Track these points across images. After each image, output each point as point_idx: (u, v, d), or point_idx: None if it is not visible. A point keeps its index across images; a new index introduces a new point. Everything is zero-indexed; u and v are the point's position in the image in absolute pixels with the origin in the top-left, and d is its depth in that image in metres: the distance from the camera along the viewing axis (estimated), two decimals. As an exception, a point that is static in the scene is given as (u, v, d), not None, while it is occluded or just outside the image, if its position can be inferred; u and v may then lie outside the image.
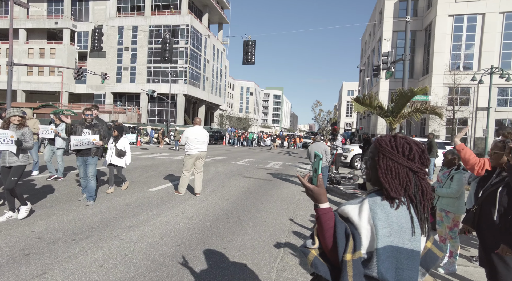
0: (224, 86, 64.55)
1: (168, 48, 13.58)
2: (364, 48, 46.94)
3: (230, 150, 24.52)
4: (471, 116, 25.37)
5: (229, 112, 70.94)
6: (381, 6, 33.73)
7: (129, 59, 46.06)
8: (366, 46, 44.13)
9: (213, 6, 51.75)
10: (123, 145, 6.58)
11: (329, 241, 1.11)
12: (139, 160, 13.06)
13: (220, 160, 14.96)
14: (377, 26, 35.80)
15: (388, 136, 1.21)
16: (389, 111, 7.52)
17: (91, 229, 4.20)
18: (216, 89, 58.19)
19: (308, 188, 1.17)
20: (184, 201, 6.17)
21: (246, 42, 13.88)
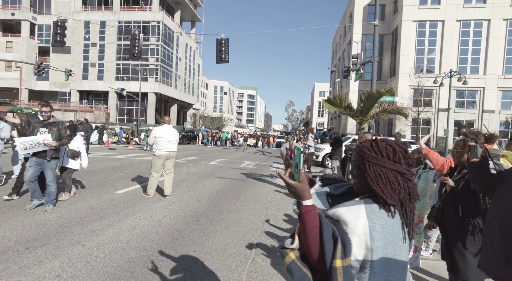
0: (197, 85, 63.55)
1: (138, 44, 13.07)
2: (335, 50, 48.25)
3: (203, 149, 24.16)
4: (434, 116, 26.89)
5: (202, 111, 69.98)
6: (351, 10, 34.83)
7: (96, 56, 43.97)
8: (337, 48, 45.39)
9: (186, 3, 50.78)
10: (76, 145, 5.92)
11: (312, 242, 1.02)
12: (106, 160, 12.46)
13: (193, 160, 14.67)
14: (347, 29, 36.93)
15: (368, 142, 1.16)
16: (358, 112, 7.73)
17: (48, 236, 3.90)
18: (189, 88, 57.14)
19: (290, 184, 1.06)
20: (153, 203, 5.94)
21: (219, 41, 13.69)
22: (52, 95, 45.68)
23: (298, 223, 1.07)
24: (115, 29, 43.14)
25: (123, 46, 43.30)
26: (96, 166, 10.56)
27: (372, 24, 14.29)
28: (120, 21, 43.22)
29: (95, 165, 10.82)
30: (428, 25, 27.65)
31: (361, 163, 1.14)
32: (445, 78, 19.17)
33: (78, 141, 5.99)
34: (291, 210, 6.13)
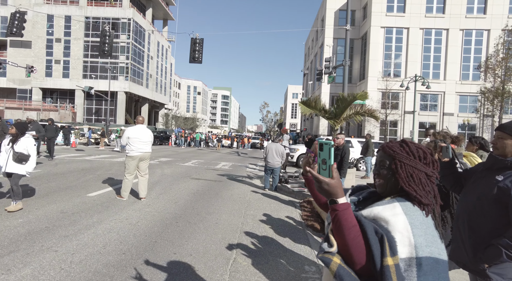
0: (169, 85, 62.18)
1: (108, 41, 12.55)
2: (307, 53, 49.34)
3: (176, 150, 23.70)
4: (400, 119, 28.34)
5: (175, 111, 68.56)
6: (323, 14, 35.82)
7: (61, 52, 41.68)
8: (309, 51, 46.45)
9: (157, 1, 49.61)
10: (25, 146, 5.02)
11: (353, 243, 0.96)
12: (75, 162, 11.87)
13: (167, 162, 14.36)
14: (319, 33, 37.93)
15: (396, 142, 1.15)
16: (333, 114, 8.00)
17: (15, 243, 3.68)
18: (161, 88, 55.78)
19: (324, 181, 1.00)
20: (128, 206, 5.76)
21: (194, 40, 13.52)
22: (10, 93, 42.70)
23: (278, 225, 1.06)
24: (82, 25, 41.17)
25: (91, 43, 41.45)
26: (63, 168, 10.04)
27: (343, 28, 14.82)
28: (87, 16, 41.32)
29: (63, 167, 10.28)
30: (394, 32, 29.10)
31: (391, 162, 1.12)
32: (411, 82, 20.30)
33: (27, 141, 5.09)
34: (269, 210, 6.22)
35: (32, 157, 5.09)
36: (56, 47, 41.68)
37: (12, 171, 4.94)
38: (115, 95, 40.22)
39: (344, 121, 8.02)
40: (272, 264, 3.62)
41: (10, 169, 4.93)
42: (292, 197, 7.82)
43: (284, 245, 4.29)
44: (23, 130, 5.11)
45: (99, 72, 41.57)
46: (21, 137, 5.06)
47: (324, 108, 8.25)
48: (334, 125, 7.83)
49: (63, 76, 41.83)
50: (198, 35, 13.30)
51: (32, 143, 5.13)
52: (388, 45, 29.23)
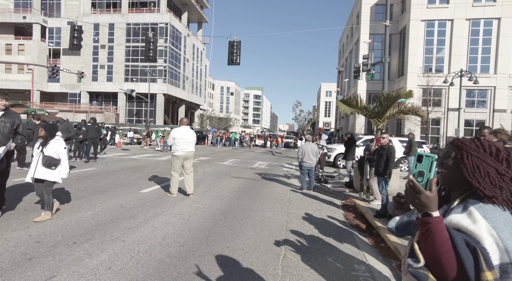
0: (204, 86, 63.99)
1: (152, 47, 13.34)
2: (342, 50, 48.18)
3: (213, 150, 24.42)
4: (443, 116, 26.77)
5: (210, 112, 70.39)
6: (358, 10, 34.80)
7: (105, 58, 44.61)
8: (344, 48, 45.33)
9: (192, 4, 51.20)
10: (55, 149, 4.56)
11: (445, 256, 0.92)
12: (123, 161, 12.77)
13: (206, 161, 14.91)
14: (354, 29, 36.90)
15: (468, 138, 1.13)
16: (375, 112, 7.86)
17: (90, 232, 4.14)
18: (196, 89, 57.58)
19: (424, 193, 0.98)
20: (178, 202, 6.16)
21: (231, 43, 13.91)
22: (62, 97, 46.47)
23: (321, 224, 1.08)
24: (124, 31, 43.71)
25: (132, 48, 43.88)
26: (114, 166, 10.87)
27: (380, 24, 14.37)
28: (128, 23, 43.77)
29: (113, 165, 11.13)
30: (436, 24, 27.52)
31: (458, 153, 1.10)
32: (455, 77, 19.12)
33: (57, 144, 4.61)
34: (311, 209, 6.30)
35: (63, 161, 4.63)
36: (101, 53, 44.67)
37: (41, 177, 4.46)
38: (154, 97, 42.26)
39: (388, 120, 7.85)
40: (321, 261, 3.72)
41: (39, 174, 4.45)
42: (333, 197, 7.81)
43: (330, 243, 4.37)
44: (53, 132, 4.69)
45: (139, 75, 43.90)
46: (50, 140, 4.63)
47: (365, 107, 8.13)
48: (377, 124, 7.69)
49: (107, 80, 44.73)
50: (235, 38, 13.68)
51: (62, 145, 4.67)
52: (429, 39, 27.72)
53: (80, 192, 6.51)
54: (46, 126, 4.68)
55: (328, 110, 79.30)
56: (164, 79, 43.71)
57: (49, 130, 4.64)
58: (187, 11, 52.07)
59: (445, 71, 26.62)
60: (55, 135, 4.70)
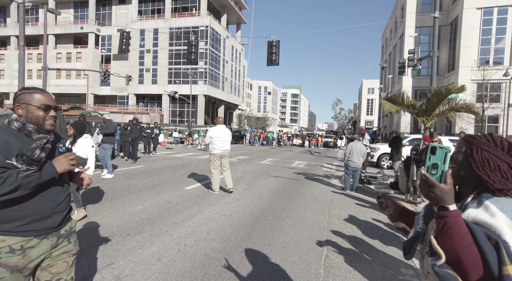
0: (242, 86, 64.98)
1: (194, 50, 13.90)
2: (385, 45, 45.92)
3: (251, 149, 24.72)
4: (503, 113, 24.31)
5: (248, 112, 71.31)
6: (402, 2, 32.89)
7: (150, 61, 47.24)
8: (387, 43, 43.15)
9: (231, 6, 52.20)
10: (83, 148, 4.50)
11: (465, 251, 0.90)
12: (168, 159, 13.46)
13: (245, 159, 15.15)
14: (398, 23, 34.95)
15: (481, 134, 1.12)
16: (422, 110, 7.41)
17: (141, 225, 4.45)
18: (235, 89, 58.67)
19: (438, 186, 0.96)
20: (220, 199, 6.36)
21: (270, 43, 13.97)
22: (112, 99, 50.12)
23: (365, 226, 1.03)
24: (167, 36, 45.92)
25: (175, 51, 45.94)
26: (160, 164, 11.51)
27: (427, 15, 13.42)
28: (171, 27, 45.89)
29: (159, 163, 11.79)
30: (495, 12, 25.05)
31: (468, 147, 1.10)
32: (518, 70, 17.27)
33: (85, 143, 4.55)
34: (354, 211, 6.13)
35: (90, 160, 4.48)
36: (147, 57, 47.40)
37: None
38: (195, 98, 43.87)
39: (437, 118, 7.35)
40: (365, 263, 3.62)
41: None
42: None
43: (375, 246, 4.22)
44: (81, 131, 4.59)
45: (181, 77, 45.85)
46: (79, 138, 4.56)
47: (412, 104, 7.69)
48: (425, 122, 7.24)
49: (152, 83, 47.35)
50: (274, 37, 13.72)
51: (89, 144, 4.58)
52: (486, 29, 25.32)
53: (131, 188, 7.01)
54: (75, 125, 4.58)
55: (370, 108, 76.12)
56: (205, 81, 45.15)
57: (77, 129, 4.55)
58: (226, 13, 53.22)
59: (506, 63, 24.16)
60: (83, 134, 4.61)
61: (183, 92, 41.70)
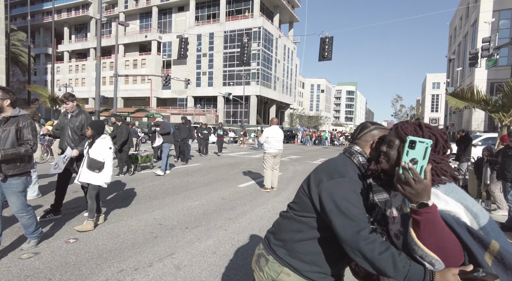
0: (294, 85, 64.52)
1: (247, 51, 14.27)
2: (453, 35, 41.48)
3: (303, 148, 24.45)
4: None
5: (299, 111, 70.57)
6: (476, -16, 29.32)
7: (207, 65, 49.60)
8: (456, 32, 38.92)
9: (284, 6, 52.16)
10: (100, 150, 4.07)
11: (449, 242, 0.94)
12: (222, 158, 14.04)
13: (296, 159, 15.07)
14: (471, 8, 31.27)
15: (412, 124, 1.12)
16: (498, 106, 6.57)
17: (198, 219, 4.75)
18: (287, 89, 58.52)
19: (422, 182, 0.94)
20: (271, 198, 6.45)
21: (323, 39, 13.67)
22: (173, 102, 53.79)
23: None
24: (222, 39, 47.73)
25: (229, 54, 47.53)
26: (215, 163, 12.07)
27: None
28: (225, 31, 47.55)
29: (214, 162, 12.36)
30: None
31: (400, 145, 1.13)
32: None
33: (102, 144, 4.11)
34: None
35: (107, 163, 4.09)
36: (203, 61, 49.87)
37: (85, 180, 4.05)
38: (248, 99, 44.88)
39: (517, 114, 6.45)
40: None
41: (83, 178, 4.06)
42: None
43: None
44: (100, 130, 4.18)
45: (235, 79, 47.27)
46: (97, 139, 4.14)
47: (484, 100, 6.88)
48: (502, 120, 6.41)
49: (208, 85, 49.67)
50: (327, 34, 13.37)
51: (107, 145, 4.14)
52: None
53: (189, 184, 7.49)
54: (93, 124, 4.17)
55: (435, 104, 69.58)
56: (257, 81, 45.89)
57: (96, 128, 4.15)
58: (279, 12, 53.35)
59: None
60: (102, 134, 4.21)
61: (237, 93, 42.94)
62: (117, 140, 8.10)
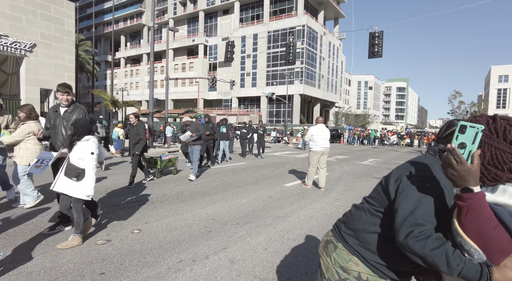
0: (339, 83, 62.56)
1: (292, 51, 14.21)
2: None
3: (350, 148, 23.63)
4: None
5: (345, 109, 68.25)
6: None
7: (250, 66, 50.32)
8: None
9: (329, 2, 50.89)
10: (80, 155, 3.37)
11: (494, 233, 0.91)
12: (267, 157, 14.17)
13: (343, 159, 14.64)
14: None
15: (484, 117, 1.10)
16: None
17: (248, 216, 4.89)
18: (332, 87, 56.96)
19: (465, 165, 0.92)
20: (319, 198, 6.38)
21: (372, 34, 13.05)
22: (218, 103, 55.49)
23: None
24: (265, 40, 48.03)
25: (272, 54, 47.68)
26: (261, 162, 12.23)
27: None
28: (269, 31, 47.76)
29: (260, 161, 12.53)
30: None
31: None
32: None
33: (84, 147, 3.39)
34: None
35: (87, 171, 3.36)
36: (247, 62, 50.68)
37: (61, 190, 3.37)
38: (291, 98, 44.59)
39: None
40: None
41: (59, 186, 3.37)
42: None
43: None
44: (82, 132, 3.47)
45: (278, 79, 47.28)
46: (77, 141, 3.44)
47: None
48: None
49: (252, 86, 50.35)
50: (377, 28, 12.75)
51: (89, 150, 3.38)
52: None
53: (237, 182, 7.71)
54: (76, 123, 3.47)
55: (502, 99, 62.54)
56: (301, 80, 45.38)
57: (77, 129, 3.44)
58: (323, 9, 52.18)
59: None
60: (83, 136, 3.47)
61: (280, 93, 42.90)
62: (130, 143, 6.98)
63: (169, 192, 6.40)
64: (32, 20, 15.16)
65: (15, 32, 14.56)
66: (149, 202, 5.51)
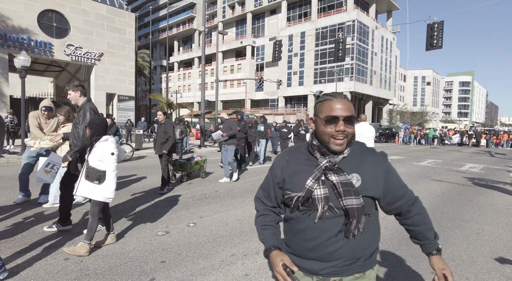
0: (394, 79, 58.80)
1: (341, 47, 13.78)
2: None
3: (406, 148, 22.14)
4: None
5: (400, 106, 63.99)
6: None
7: (297, 64, 49.83)
8: None
9: (381, -6, 48.16)
10: (99, 156, 3.24)
11: None
12: (315, 157, 13.94)
13: (398, 160, 13.79)
14: None
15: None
16: None
17: (297, 215, 4.90)
18: (385, 83, 53.80)
19: None
20: (371, 200, 6.13)
21: (431, 26, 12.05)
22: (265, 103, 55.97)
23: None
24: (313, 37, 47.16)
25: (320, 51, 46.64)
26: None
27: None
28: (317, 28, 46.79)
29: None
30: None
31: None
32: None
33: (102, 148, 3.26)
34: None
35: (108, 173, 3.25)
36: (294, 61, 50.28)
37: (83, 194, 3.28)
38: (340, 96, 43.11)
39: None
40: None
41: (81, 191, 3.28)
42: None
43: None
44: (100, 131, 3.33)
45: (327, 76, 46.09)
46: (96, 142, 3.31)
47: None
48: None
49: (299, 85, 49.81)
50: (436, 19, 11.76)
51: (109, 150, 3.26)
52: None
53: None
54: (91, 123, 3.33)
55: None
56: (351, 77, 43.69)
57: (94, 128, 3.31)
58: (375, 2, 49.56)
59: None
60: (103, 135, 3.34)
61: (328, 90, 41.75)
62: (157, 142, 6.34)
63: (220, 188, 6.68)
64: (101, 32, 16.91)
65: (87, 43, 16.38)
66: (202, 198, 5.82)
